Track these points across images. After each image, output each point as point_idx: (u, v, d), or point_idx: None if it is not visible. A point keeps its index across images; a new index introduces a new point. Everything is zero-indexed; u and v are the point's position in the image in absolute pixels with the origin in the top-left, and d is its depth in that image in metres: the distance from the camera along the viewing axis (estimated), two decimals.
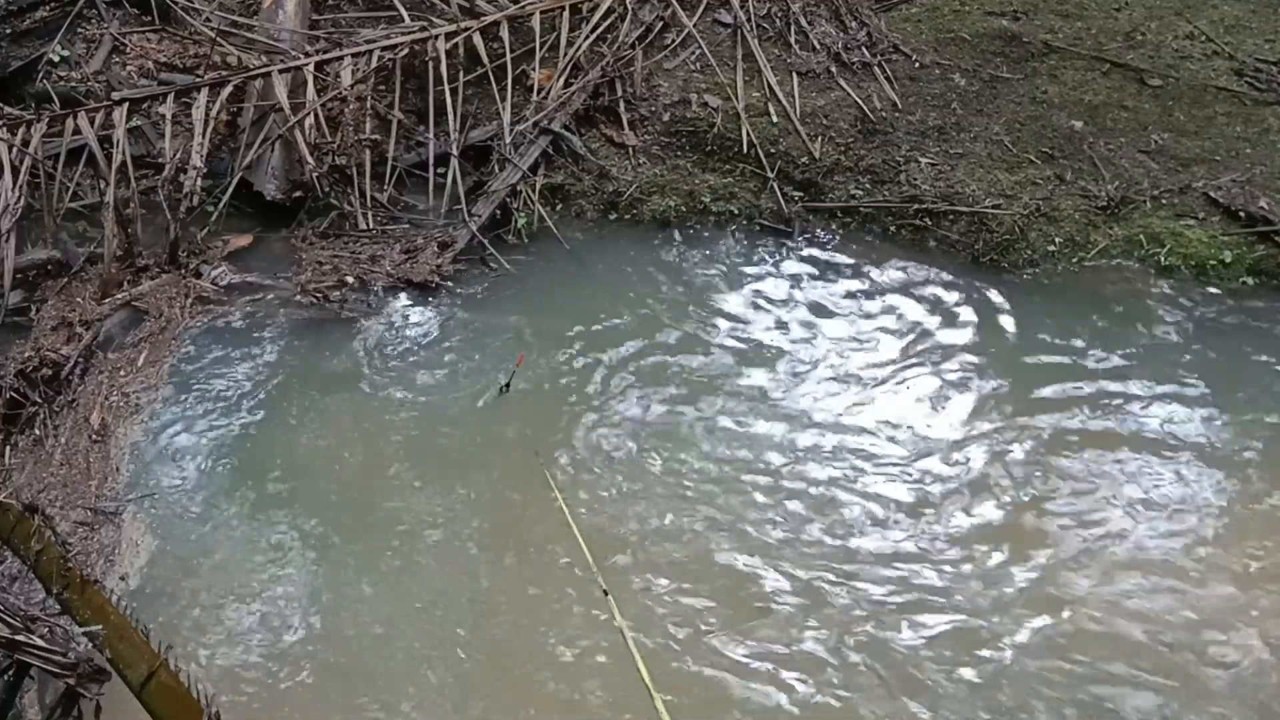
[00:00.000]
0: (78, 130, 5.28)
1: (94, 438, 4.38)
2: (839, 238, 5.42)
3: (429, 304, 5.06)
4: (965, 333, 4.90)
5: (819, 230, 5.46)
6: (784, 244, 5.40)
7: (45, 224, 5.18)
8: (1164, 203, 5.32)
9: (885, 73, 5.92)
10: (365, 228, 5.41)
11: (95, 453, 4.33)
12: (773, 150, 5.61)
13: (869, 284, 5.18)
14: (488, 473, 4.26)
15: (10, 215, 5.03)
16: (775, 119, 5.69)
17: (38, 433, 4.41)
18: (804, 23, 6.13)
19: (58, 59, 5.95)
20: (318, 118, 5.46)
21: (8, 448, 4.36)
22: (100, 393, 4.56)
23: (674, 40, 6.05)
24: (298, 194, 5.48)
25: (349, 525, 4.07)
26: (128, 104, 5.41)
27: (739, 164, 5.62)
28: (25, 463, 4.30)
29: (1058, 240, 5.23)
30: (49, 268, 5.14)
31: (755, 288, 5.16)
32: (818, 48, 6.04)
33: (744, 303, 5.08)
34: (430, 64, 5.69)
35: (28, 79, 5.84)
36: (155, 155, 5.60)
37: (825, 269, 5.26)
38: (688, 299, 5.08)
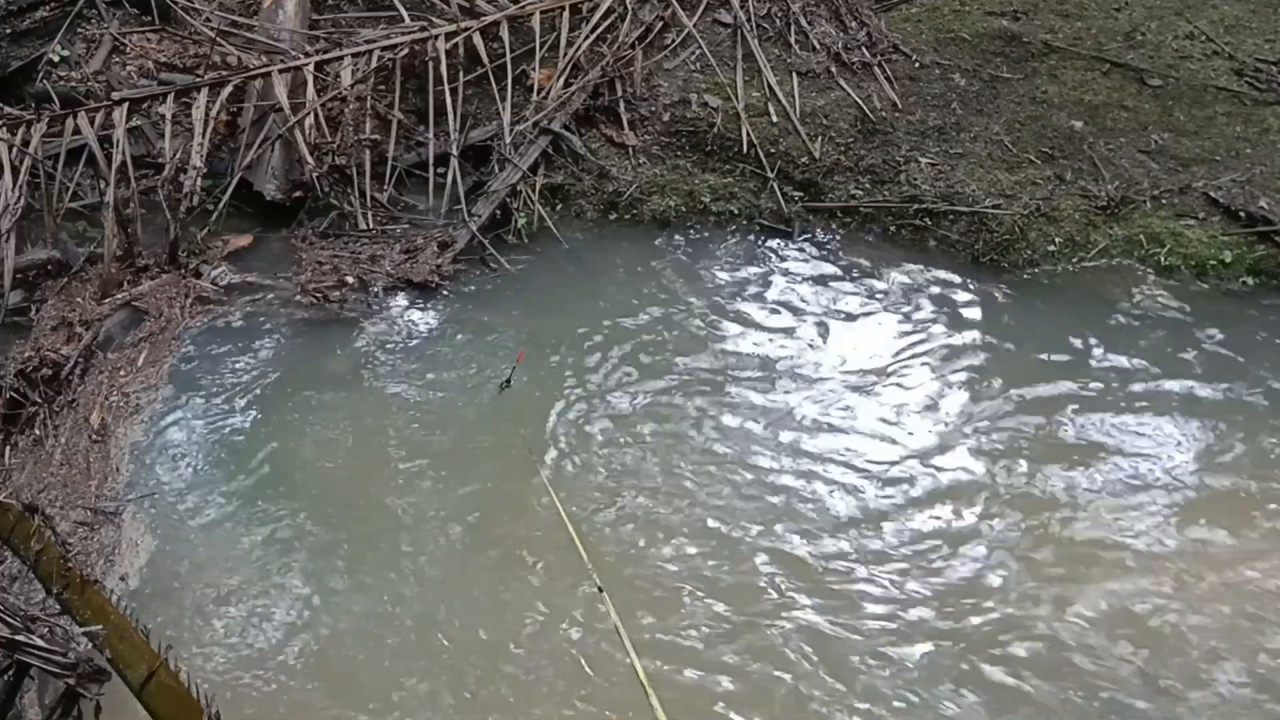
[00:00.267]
0: (78, 130, 5.28)
1: (94, 438, 4.38)
2: (839, 238, 5.43)
3: (429, 304, 5.06)
4: (965, 333, 4.91)
5: (819, 230, 5.46)
6: (784, 244, 5.40)
7: (45, 224, 5.18)
8: (1164, 203, 5.32)
9: (885, 73, 5.93)
10: (365, 228, 5.41)
11: (95, 453, 4.33)
12: (773, 150, 5.61)
13: (869, 284, 5.18)
14: (487, 472, 4.27)
15: (10, 215, 5.03)
16: (775, 119, 5.69)
17: (38, 433, 4.41)
18: (804, 23, 6.13)
19: (58, 59, 5.95)
20: (318, 118, 5.46)
21: (8, 448, 4.36)
22: (100, 393, 4.56)
23: (674, 40, 6.06)
24: (298, 194, 5.49)
25: (349, 524, 4.08)
26: (128, 104, 5.41)
27: (739, 164, 5.62)
28: (25, 463, 4.30)
29: (1058, 240, 5.23)
30: (49, 268, 5.14)
31: (755, 288, 5.17)
32: (818, 48, 6.04)
33: (744, 303, 5.08)
34: (430, 64, 5.69)
35: (28, 79, 5.84)
36: (155, 155, 5.61)
37: (825, 269, 5.27)
38: (687, 299, 5.08)
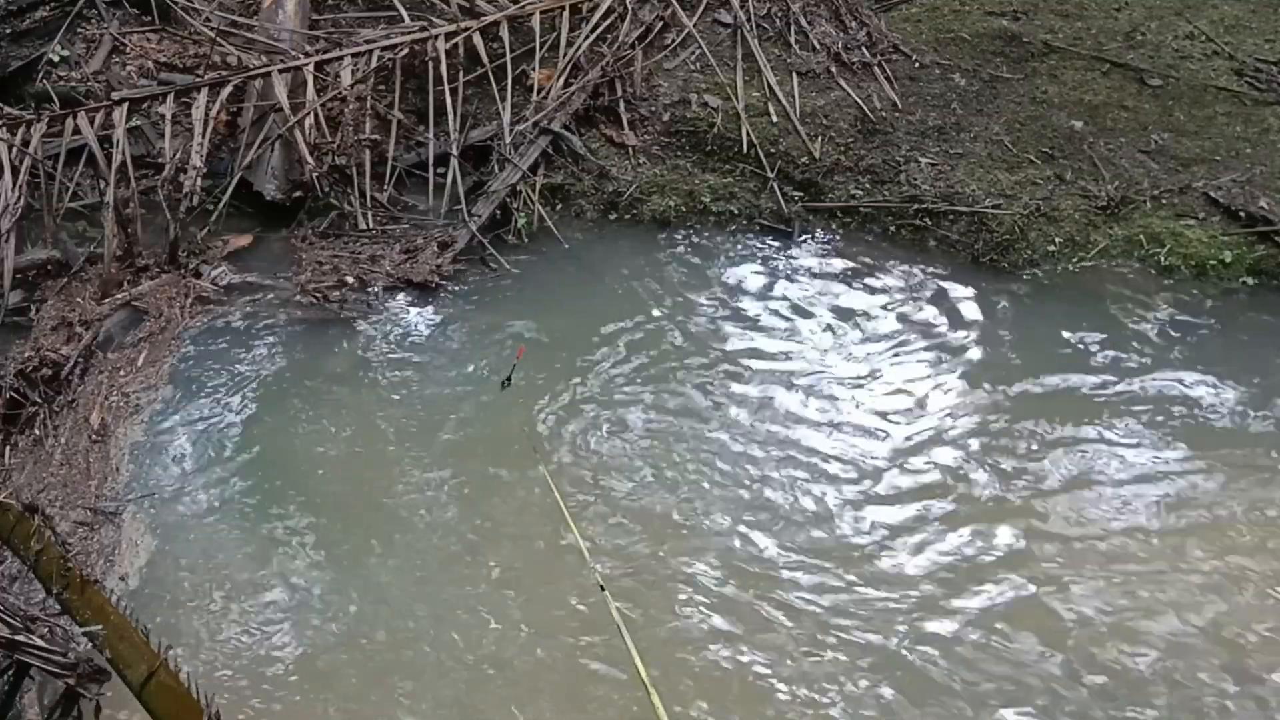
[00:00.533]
0: (78, 130, 5.28)
1: (94, 438, 4.38)
2: (839, 238, 5.43)
3: (429, 304, 5.06)
4: (965, 333, 4.91)
5: (819, 230, 5.46)
6: (784, 244, 5.40)
7: (45, 224, 5.18)
8: (1164, 203, 5.32)
9: (885, 73, 5.93)
10: (365, 228, 5.41)
11: (95, 453, 4.33)
12: (773, 150, 5.61)
13: (868, 284, 5.18)
14: (488, 471, 4.27)
15: (10, 215, 5.03)
16: (775, 119, 5.69)
17: (38, 433, 4.41)
18: (804, 23, 6.13)
19: (58, 59, 5.95)
20: (318, 118, 5.46)
21: (8, 448, 4.36)
22: (100, 393, 4.56)
23: (674, 40, 6.06)
24: (298, 194, 5.49)
25: (349, 523, 4.08)
26: (128, 104, 5.41)
27: (739, 164, 5.62)
28: (25, 463, 4.30)
29: (1058, 240, 5.23)
30: (49, 268, 5.14)
31: (755, 288, 5.17)
32: (818, 48, 6.04)
33: (743, 303, 5.08)
34: (430, 64, 5.69)
35: (28, 79, 5.84)
36: (155, 155, 5.61)
37: (825, 269, 5.27)
38: (687, 299, 5.08)
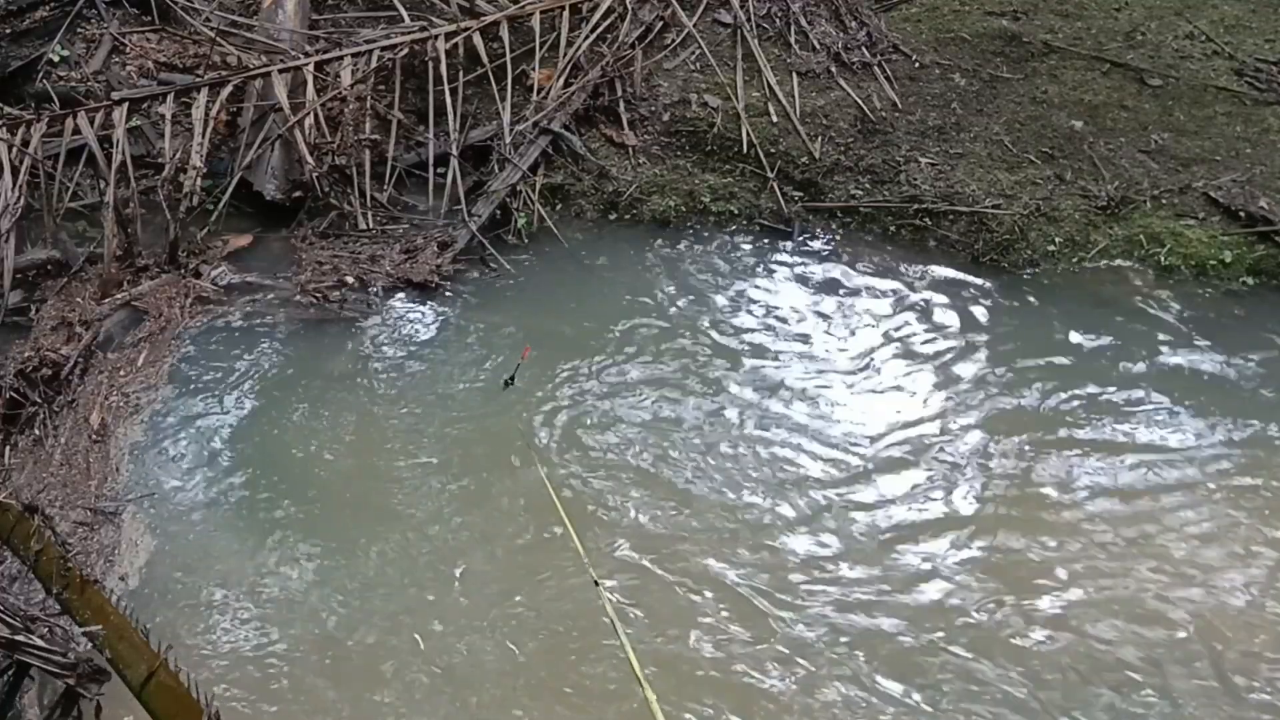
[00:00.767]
0: (77, 130, 5.28)
1: (94, 438, 4.38)
2: (839, 238, 5.43)
3: (429, 304, 5.06)
4: (964, 332, 4.90)
5: (819, 230, 5.46)
6: (784, 244, 5.40)
7: (45, 224, 5.18)
8: (1164, 203, 5.32)
9: (885, 73, 5.93)
10: (365, 228, 5.41)
11: (95, 453, 4.33)
12: (773, 150, 5.61)
13: (868, 284, 5.18)
14: (487, 472, 4.27)
15: (10, 215, 5.03)
16: (775, 119, 5.69)
17: (38, 433, 4.41)
18: (804, 23, 6.13)
19: (58, 59, 5.95)
20: (317, 118, 5.46)
21: (8, 448, 4.36)
22: (100, 393, 4.56)
23: (674, 40, 6.06)
24: (298, 194, 5.49)
25: (349, 523, 4.08)
26: (127, 104, 5.41)
27: (739, 164, 5.62)
28: (25, 463, 4.30)
29: (1058, 240, 5.23)
30: (49, 268, 5.14)
31: (755, 288, 5.17)
32: (818, 48, 6.04)
33: (743, 302, 5.08)
34: (430, 64, 5.69)
35: (28, 79, 5.84)
36: (155, 155, 5.61)
37: (825, 269, 5.26)
38: (687, 299, 5.08)
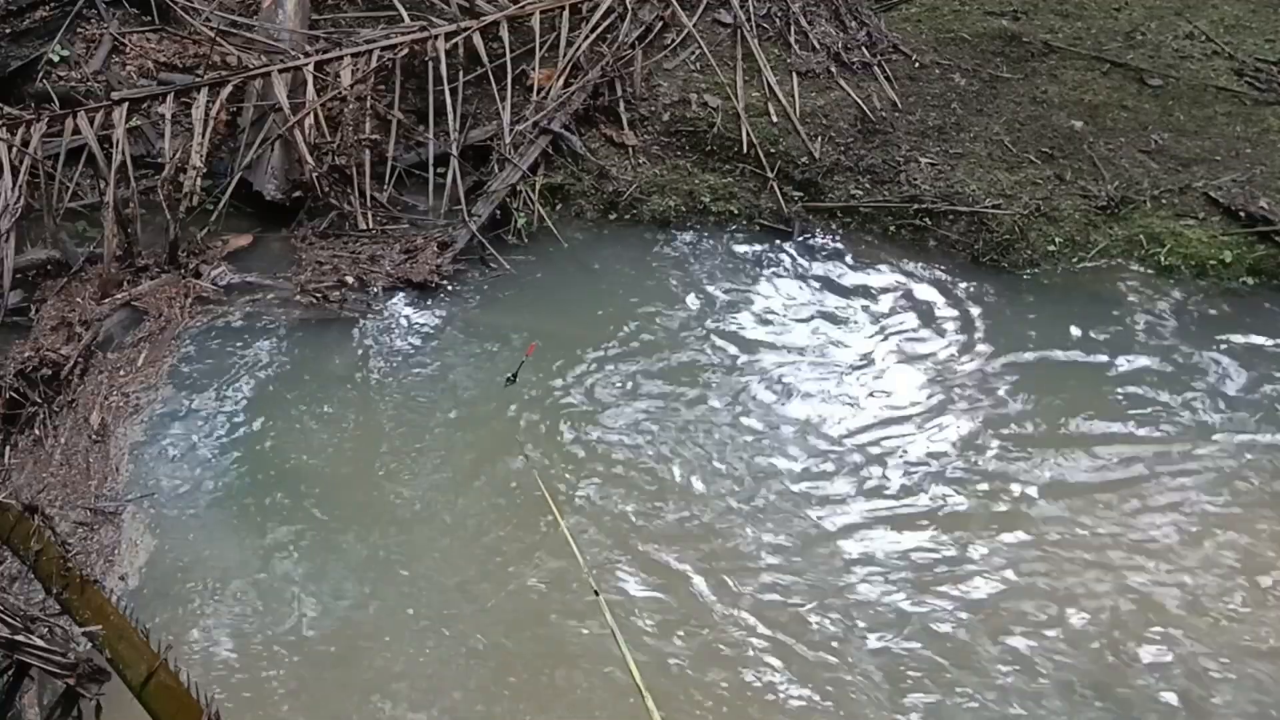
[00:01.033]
0: (77, 130, 5.28)
1: (94, 438, 4.38)
2: (839, 238, 5.42)
3: (428, 304, 5.06)
4: (964, 333, 4.90)
5: (819, 230, 5.46)
6: (784, 244, 5.40)
7: (45, 224, 5.18)
8: (1164, 203, 5.32)
9: (885, 73, 5.92)
10: (365, 228, 5.41)
11: (95, 453, 4.33)
12: (773, 150, 5.61)
13: (868, 284, 5.18)
14: (486, 472, 4.27)
15: (10, 215, 5.03)
16: (775, 119, 5.69)
17: (38, 433, 4.41)
18: (804, 23, 6.13)
19: (58, 59, 5.95)
20: (317, 118, 5.46)
21: (8, 448, 4.36)
22: (100, 393, 4.56)
23: (674, 40, 6.05)
24: (298, 194, 5.48)
25: (348, 523, 4.08)
26: (127, 104, 5.41)
27: (739, 164, 5.62)
28: (25, 463, 4.30)
29: (1058, 240, 5.23)
30: (49, 268, 5.14)
31: (754, 288, 5.17)
32: (818, 48, 6.03)
33: (743, 303, 5.08)
34: (430, 64, 5.69)
35: (28, 79, 5.84)
36: (155, 155, 5.60)
37: (825, 269, 5.26)
38: (687, 299, 5.08)
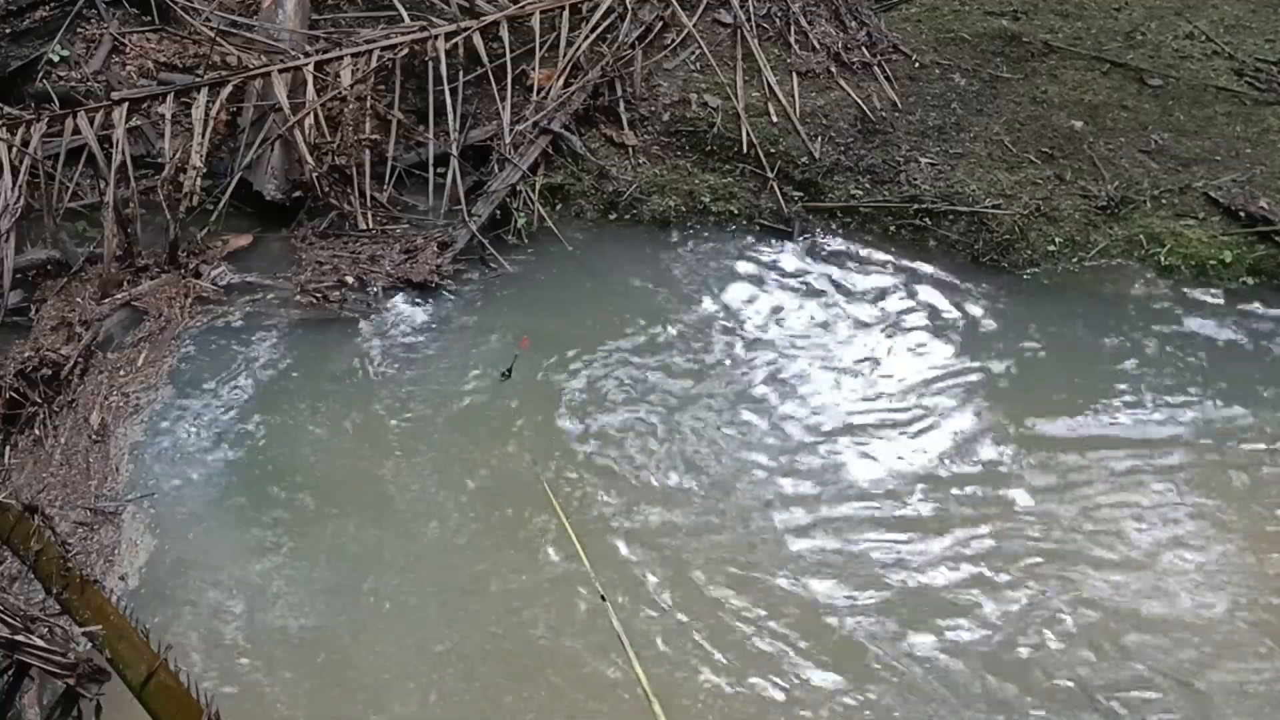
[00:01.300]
0: (77, 130, 5.28)
1: (94, 438, 4.38)
2: (839, 238, 5.42)
3: (428, 304, 5.06)
4: (965, 333, 4.90)
5: (819, 230, 5.46)
6: (784, 244, 5.40)
7: (45, 224, 5.17)
8: (1164, 203, 5.32)
9: (885, 73, 5.92)
10: (365, 228, 5.41)
11: (95, 453, 4.33)
12: (773, 150, 5.61)
13: (868, 284, 5.18)
14: (486, 473, 4.27)
15: (10, 215, 5.02)
16: (775, 119, 5.69)
17: (37, 433, 4.41)
18: (804, 23, 6.13)
19: (57, 59, 5.94)
20: (317, 118, 5.46)
21: (8, 448, 4.36)
22: (100, 393, 4.56)
23: (674, 40, 6.05)
24: (297, 194, 5.48)
25: (349, 522, 4.08)
26: (127, 104, 5.41)
27: (739, 164, 5.61)
28: (25, 463, 4.30)
29: (1058, 240, 5.23)
30: (49, 268, 5.14)
31: (754, 288, 5.16)
32: (818, 48, 6.03)
33: (742, 302, 5.08)
34: (430, 64, 5.69)
35: (28, 79, 5.83)
36: (155, 155, 5.60)
37: (825, 269, 5.26)
38: (687, 299, 5.08)
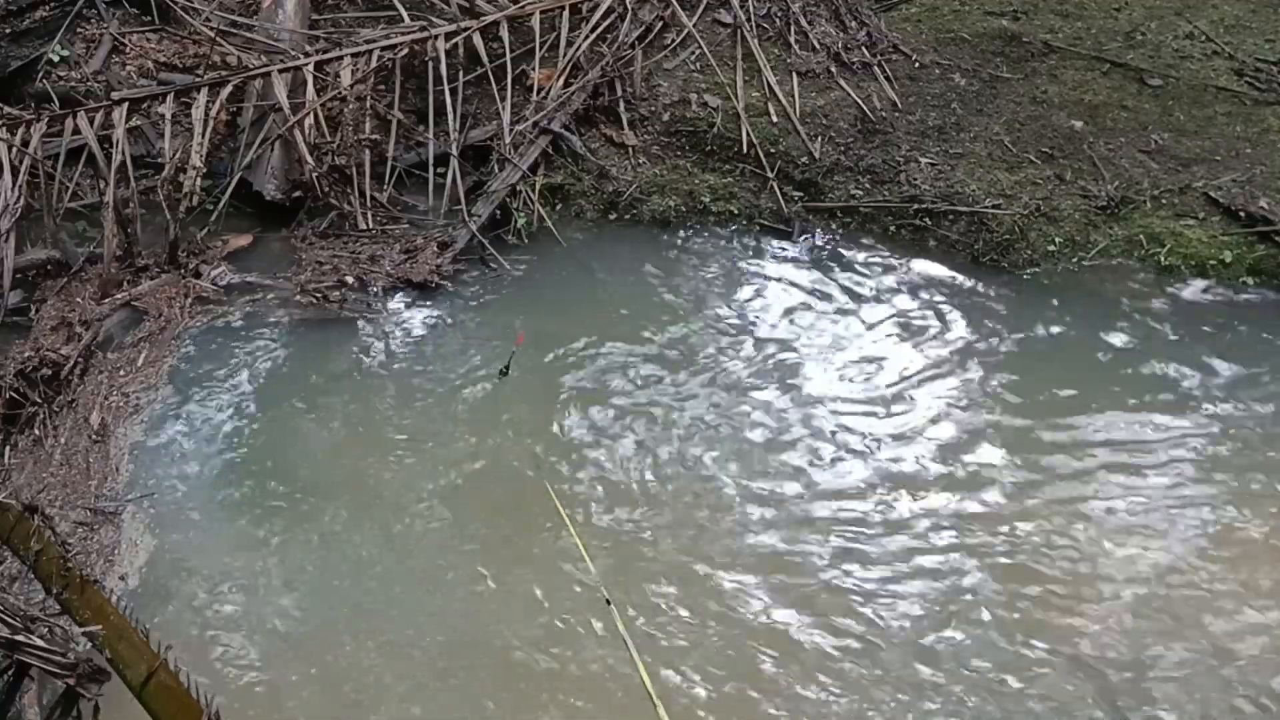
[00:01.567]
0: (77, 130, 5.28)
1: (94, 438, 4.38)
2: (839, 238, 5.43)
3: (428, 304, 5.06)
4: (965, 333, 4.90)
5: (819, 230, 5.46)
6: (783, 244, 5.40)
7: (45, 224, 5.18)
8: (1164, 203, 5.32)
9: (885, 73, 5.93)
10: (365, 228, 5.41)
11: (95, 453, 4.33)
12: (773, 150, 5.61)
13: (868, 284, 5.18)
14: (486, 473, 4.27)
15: (10, 215, 5.03)
16: (775, 119, 5.69)
17: (37, 433, 4.41)
18: (804, 23, 6.13)
19: (57, 59, 5.95)
20: (317, 118, 5.46)
21: (8, 448, 4.36)
22: (100, 393, 4.56)
23: (674, 40, 6.05)
24: (297, 194, 5.48)
25: (349, 523, 4.08)
26: (127, 104, 5.41)
27: (739, 164, 5.62)
28: (25, 463, 4.30)
29: (1058, 240, 5.23)
30: (49, 268, 5.14)
31: (754, 288, 5.17)
32: (818, 48, 6.04)
33: (743, 303, 5.08)
34: (430, 64, 5.69)
35: (28, 79, 5.84)
36: (155, 155, 5.61)
37: (825, 269, 5.26)
38: (686, 299, 5.08)
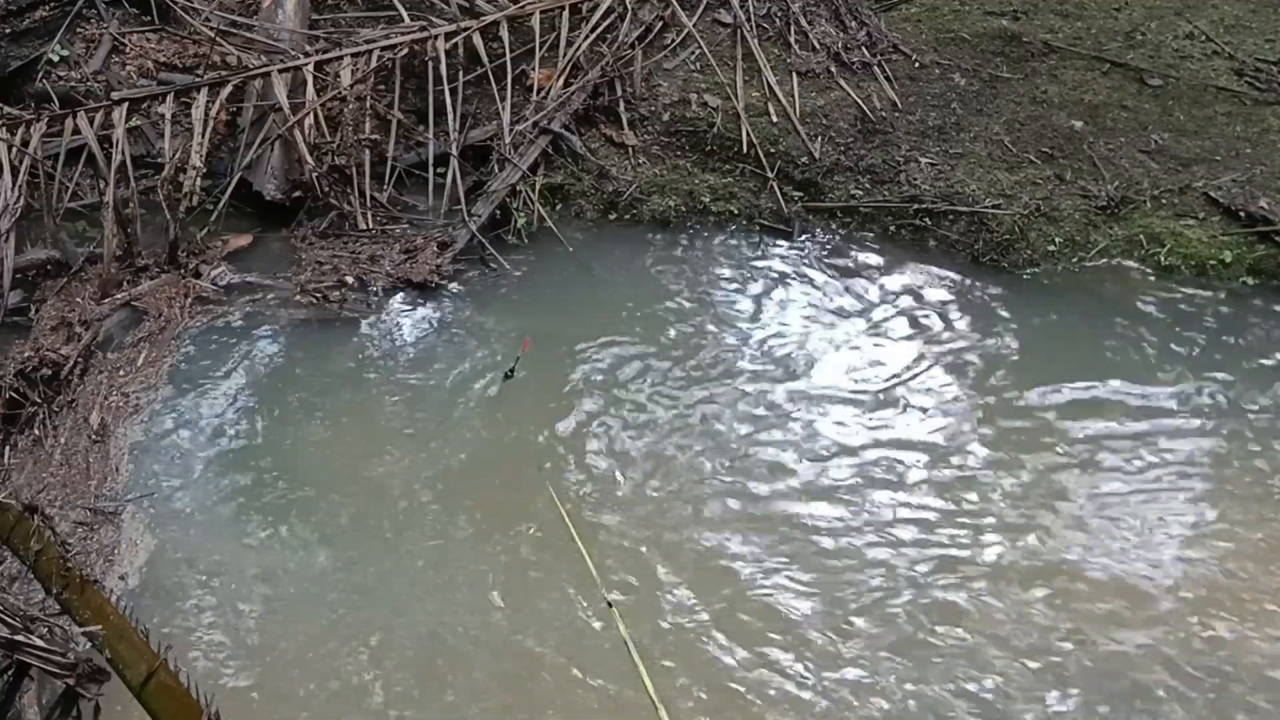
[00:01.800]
0: (77, 130, 5.28)
1: (94, 438, 4.37)
2: (839, 238, 5.43)
3: (428, 304, 5.06)
4: (965, 333, 4.90)
5: (819, 230, 5.46)
6: (784, 244, 5.40)
7: (45, 224, 5.18)
8: (1164, 203, 5.32)
9: (885, 73, 5.93)
10: (365, 228, 5.41)
11: (95, 453, 4.32)
12: (773, 150, 5.61)
13: (868, 284, 5.18)
14: (487, 473, 4.27)
15: (10, 215, 5.03)
16: (775, 119, 5.69)
17: (37, 433, 4.41)
18: (804, 23, 6.13)
19: (57, 59, 5.95)
20: (317, 118, 5.46)
21: (8, 448, 4.36)
22: (100, 393, 4.56)
23: (674, 40, 6.05)
24: (297, 194, 5.48)
25: (348, 523, 4.07)
26: (127, 104, 5.41)
27: (739, 164, 5.62)
28: (25, 463, 4.30)
29: (1058, 240, 5.23)
30: (49, 268, 5.14)
31: (754, 288, 5.17)
32: (818, 48, 6.04)
33: (743, 303, 5.08)
34: (430, 64, 5.69)
35: (27, 79, 5.84)
36: (155, 155, 5.60)
37: (825, 269, 5.26)
38: (686, 299, 5.08)
